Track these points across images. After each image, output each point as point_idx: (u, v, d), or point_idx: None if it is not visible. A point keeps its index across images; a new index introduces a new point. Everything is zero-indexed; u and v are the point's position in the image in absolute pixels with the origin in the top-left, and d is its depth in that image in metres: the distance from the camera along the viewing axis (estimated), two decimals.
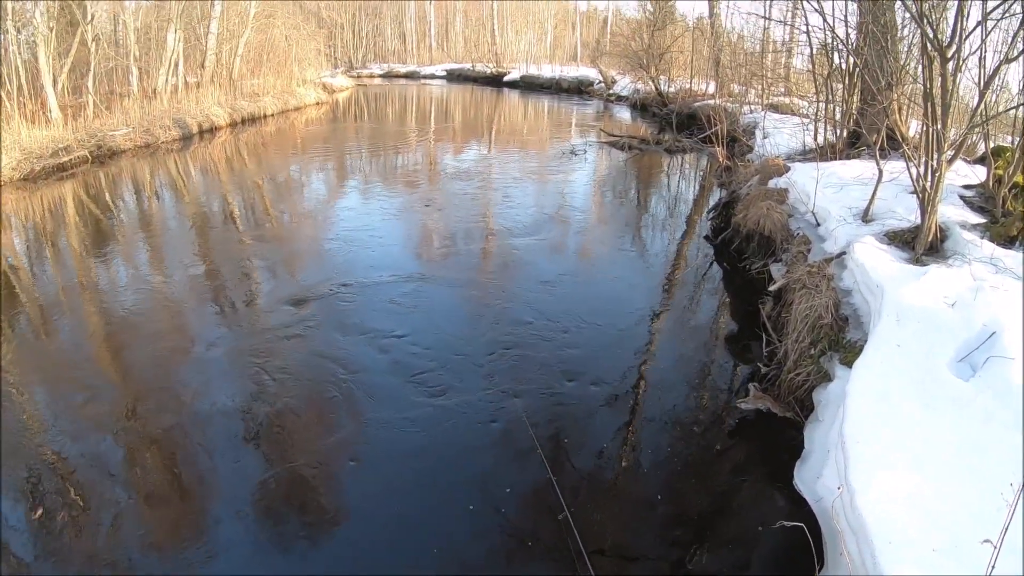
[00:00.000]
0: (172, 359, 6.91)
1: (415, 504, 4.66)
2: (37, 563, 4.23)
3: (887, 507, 3.47)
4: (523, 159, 18.59)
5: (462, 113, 33.10)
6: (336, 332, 7.23)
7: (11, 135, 18.46)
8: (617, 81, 35.09)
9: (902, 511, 3.44)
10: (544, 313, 7.78)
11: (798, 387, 5.51)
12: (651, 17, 31.00)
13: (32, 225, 13.30)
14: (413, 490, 4.79)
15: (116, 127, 22.17)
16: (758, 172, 11.26)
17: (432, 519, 4.53)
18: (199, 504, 4.74)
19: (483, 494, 4.74)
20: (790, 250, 8.08)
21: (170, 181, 17.36)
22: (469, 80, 52.64)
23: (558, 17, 71.85)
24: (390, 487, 4.82)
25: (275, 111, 31.19)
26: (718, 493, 4.85)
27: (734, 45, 23.52)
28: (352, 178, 16.42)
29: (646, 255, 10.22)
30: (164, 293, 8.91)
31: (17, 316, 8.60)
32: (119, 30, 28.75)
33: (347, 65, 66.54)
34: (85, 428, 5.68)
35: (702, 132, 17.09)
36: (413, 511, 4.60)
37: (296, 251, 10.41)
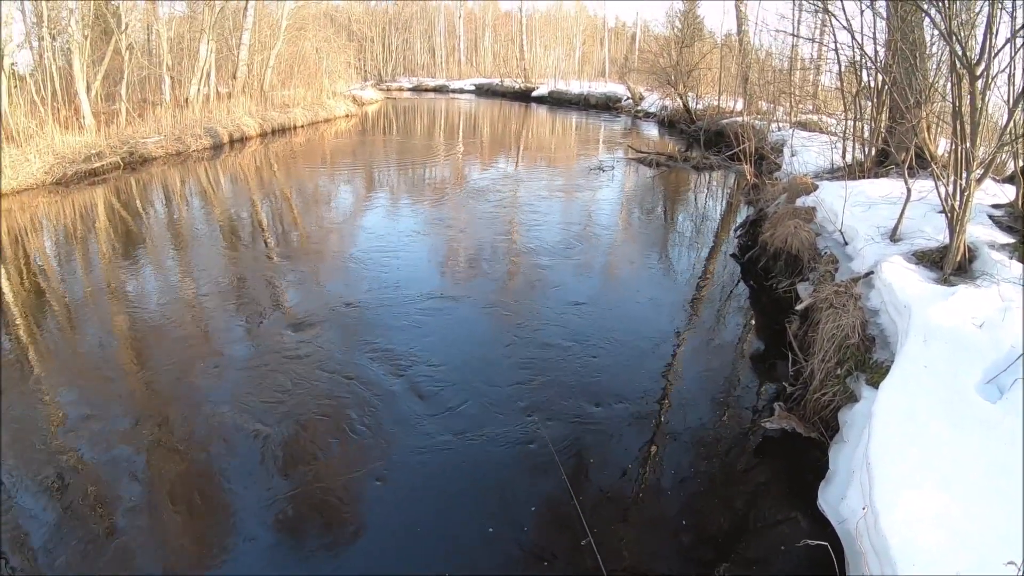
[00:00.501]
0: (193, 368, 7.02)
1: (436, 523, 4.68)
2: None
3: (912, 529, 3.46)
4: (550, 175, 18.64)
5: (490, 128, 33.24)
6: (359, 349, 7.26)
7: (44, 139, 18.84)
8: (645, 97, 35.09)
9: (927, 533, 3.42)
10: (569, 331, 7.80)
11: (824, 407, 5.49)
12: (679, 34, 30.99)
13: (63, 228, 13.57)
14: (434, 509, 4.81)
15: (148, 135, 22.57)
16: (786, 190, 11.24)
17: (452, 538, 4.57)
18: (213, 516, 4.80)
19: (505, 513, 4.76)
20: (817, 269, 8.06)
21: (200, 189, 17.61)
22: (497, 95, 52.86)
23: (587, 33, 72.08)
24: (411, 505, 4.83)
25: (305, 122, 31.54)
26: (741, 513, 4.83)
27: (762, 62, 23.45)
28: (379, 192, 16.55)
29: (673, 273, 10.21)
30: (189, 301, 9.07)
31: (44, 316, 8.79)
32: (152, 39, 29.27)
33: (376, 78, 67.18)
34: (103, 430, 5.81)
35: (730, 149, 17.07)
36: (433, 530, 4.62)
37: (321, 265, 10.50)
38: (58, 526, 4.67)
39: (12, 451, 5.69)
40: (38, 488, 5.14)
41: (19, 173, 17.02)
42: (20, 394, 6.78)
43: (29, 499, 5.00)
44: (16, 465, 5.46)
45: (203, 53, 27.80)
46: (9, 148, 17.77)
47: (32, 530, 4.69)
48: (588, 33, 72.10)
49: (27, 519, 4.81)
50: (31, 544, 4.56)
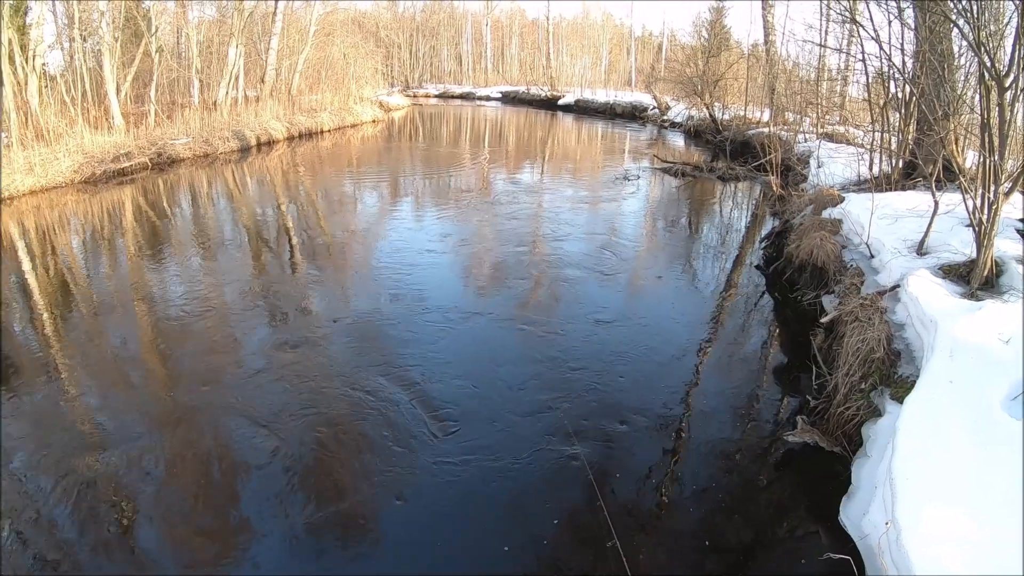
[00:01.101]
0: (212, 373, 7.10)
1: (459, 534, 4.69)
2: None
3: (934, 546, 3.43)
4: (576, 184, 18.66)
5: (516, 136, 33.31)
6: (381, 362, 7.23)
7: (74, 139, 19.15)
8: (671, 107, 35.02)
9: (949, 551, 3.40)
10: (592, 343, 7.80)
11: (847, 421, 5.45)
12: (706, 43, 30.96)
13: (90, 226, 13.77)
14: (457, 520, 4.83)
15: (176, 136, 22.90)
16: (812, 202, 11.18)
17: (476, 549, 4.57)
18: (229, 533, 4.82)
19: (528, 524, 4.78)
20: (843, 282, 8.00)
21: (226, 191, 17.80)
22: (524, 103, 52.93)
23: (613, 42, 72.15)
24: (431, 520, 4.84)
25: (332, 127, 31.82)
26: (762, 526, 4.81)
27: (789, 72, 23.35)
28: (404, 199, 16.63)
29: (697, 284, 10.18)
30: (212, 303, 9.20)
31: (70, 313, 8.91)
32: (182, 42, 29.61)
33: (403, 84, 67.63)
34: (119, 432, 5.90)
35: (756, 160, 17.00)
36: (457, 541, 4.63)
37: (345, 272, 10.59)
38: (73, 519, 4.73)
39: (32, 444, 5.78)
40: (57, 481, 5.20)
41: (48, 171, 17.31)
42: (42, 388, 6.88)
43: (48, 492, 5.07)
44: (35, 457, 5.58)
45: (232, 57, 28.11)
46: (39, 147, 18.08)
47: (49, 522, 4.77)
48: (615, 42, 72.16)
49: (43, 510, 4.89)
50: (48, 540, 4.62)
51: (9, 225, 13.95)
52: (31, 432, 6.07)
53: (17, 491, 5.08)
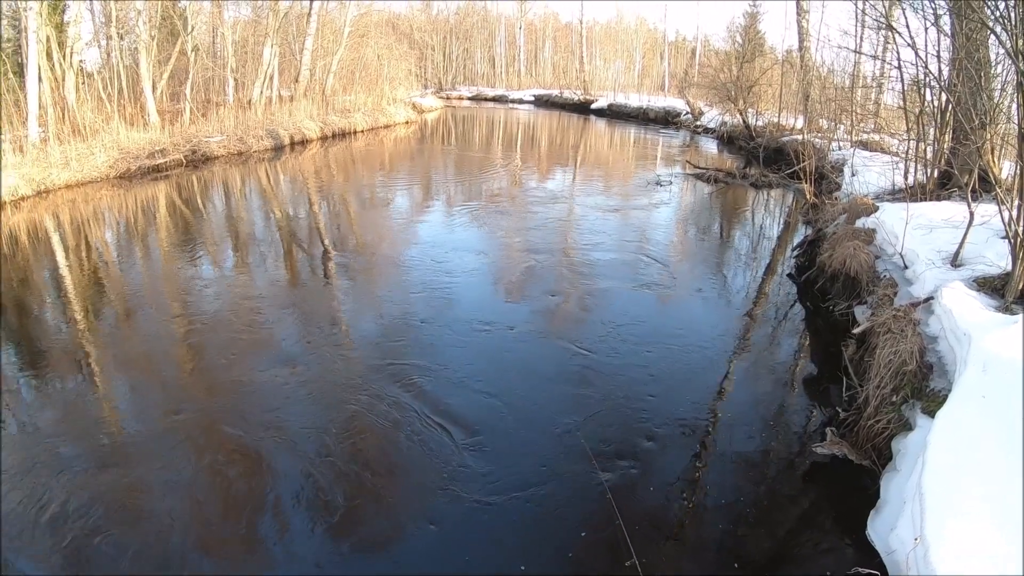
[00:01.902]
0: (238, 372, 7.21)
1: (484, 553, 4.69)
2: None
3: (962, 563, 3.39)
4: (607, 189, 18.65)
5: (548, 139, 33.31)
6: (408, 370, 7.19)
7: (110, 135, 19.45)
8: (704, 113, 34.83)
9: (978, 568, 3.35)
10: (622, 351, 7.81)
11: (877, 434, 5.38)
12: (740, 49, 30.81)
13: (123, 220, 13.99)
14: (485, 536, 4.84)
15: (211, 134, 23.21)
16: (846, 210, 11.06)
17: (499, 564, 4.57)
18: (251, 549, 4.86)
19: (552, 536, 4.78)
20: (876, 292, 7.92)
21: (259, 189, 18.00)
22: (556, 106, 52.82)
23: (647, 46, 71.84)
24: (457, 525, 4.87)
25: (365, 127, 32.02)
26: (788, 538, 4.78)
27: (824, 79, 23.15)
28: (435, 202, 16.69)
29: (728, 292, 10.11)
30: (241, 301, 9.34)
31: (102, 305, 9.06)
32: (217, 42, 29.92)
33: (437, 86, 67.84)
34: (150, 422, 5.99)
35: (789, 167, 16.86)
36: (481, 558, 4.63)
37: (374, 274, 10.67)
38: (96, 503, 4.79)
39: (63, 432, 5.90)
40: (83, 466, 5.28)
41: (84, 166, 17.62)
42: (72, 378, 7.00)
43: (74, 477, 5.14)
44: (63, 445, 5.73)
45: (267, 57, 28.38)
46: (75, 142, 18.35)
47: (75, 508, 4.85)
48: (648, 46, 71.84)
49: (69, 497, 4.97)
50: (72, 523, 4.70)
51: (45, 218, 14.20)
52: (59, 420, 6.20)
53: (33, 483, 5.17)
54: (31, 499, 4.98)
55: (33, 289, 10.24)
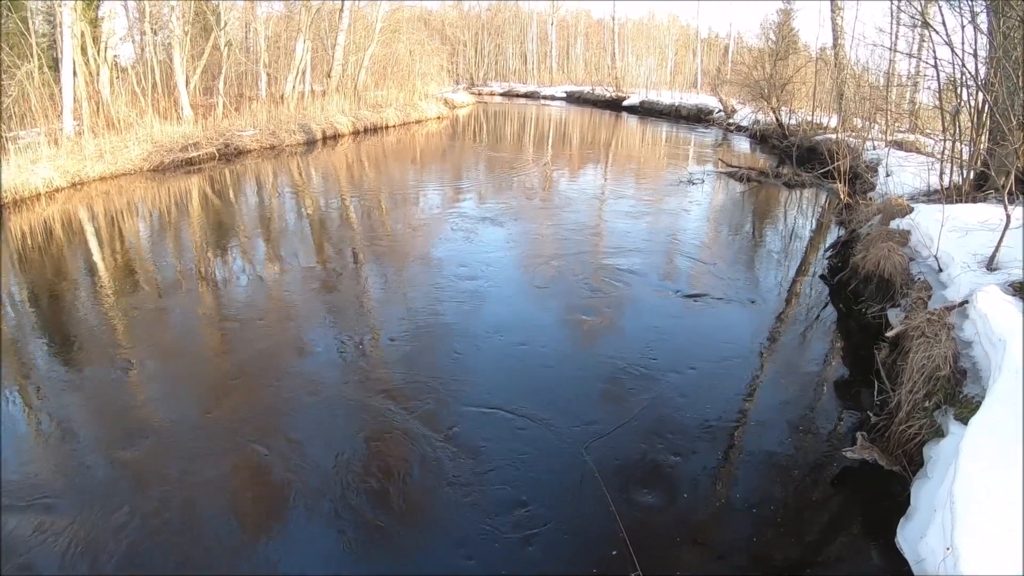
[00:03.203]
0: (266, 368, 7.26)
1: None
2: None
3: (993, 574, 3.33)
4: (639, 187, 18.59)
5: (580, 136, 33.22)
6: (434, 375, 7.12)
7: (144, 128, 19.76)
8: (737, 110, 34.56)
9: None
10: (649, 350, 7.77)
11: (908, 440, 5.30)
12: (773, 46, 30.51)
13: (156, 212, 14.19)
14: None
15: (243, 128, 23.47)
16: (880, 211, 10.93)
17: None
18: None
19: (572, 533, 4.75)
20: (909, 295, 7.80)
21: (291, 182, 18.17)
22: (588, 103, 52.61)
23: (679, 43, 71.52)
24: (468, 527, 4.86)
25: (397, 122, 32.20)
26: (813, 543, 4.73)
27: (858, 77, 22.87)
28: (466, 200, 16.66)
29: (760, 292, 10.01)
30: (271, 294, 9.44)
31: (135, 295, 9.21)
32: (250, 37, 30.14)
33: (468, 82, 67.98)
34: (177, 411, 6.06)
35: (822, 167, 16.69)
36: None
37: (403, 271, 10.68)
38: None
39: (89, 415, 6.04)
40: (110, 451, 5.36)
41: (118, 159, 17.90)
42: (101, 365, 7.10)
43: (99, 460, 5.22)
44: (91, 429, 5.91)
45: (299, 52, 28.58)
46: (109, 135, 18.64)
47: (102, 488, 4.95)
48: (680, 43, 71.50)
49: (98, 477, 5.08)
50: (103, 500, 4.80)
51: (79, 208, 14.43)
52: (87, 407, 6.29)
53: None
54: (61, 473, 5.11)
55: (67, 278, 10.40)
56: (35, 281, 10.28)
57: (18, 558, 4.39)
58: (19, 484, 5.13)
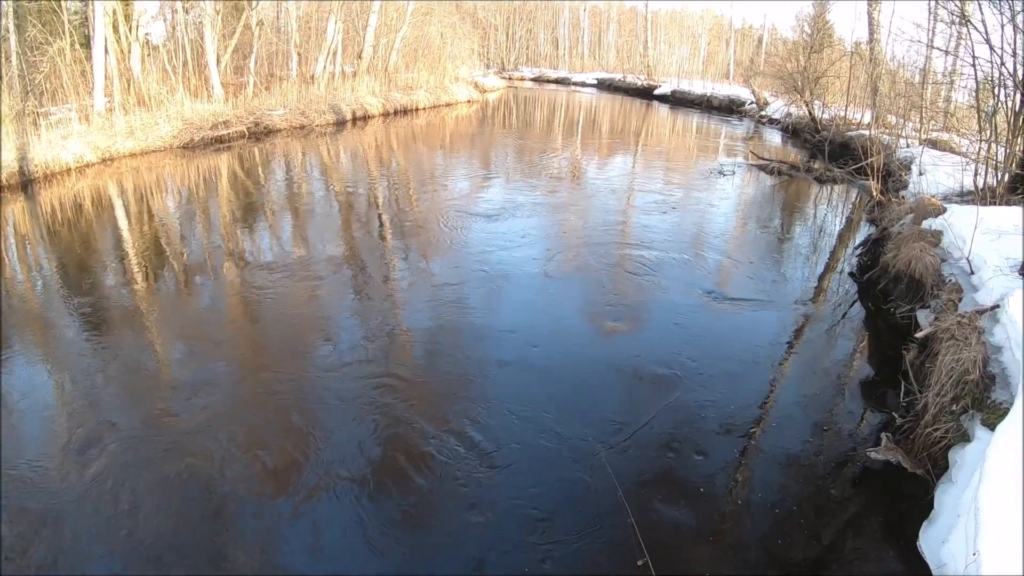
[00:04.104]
0: (290, 343, 7.38)
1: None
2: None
3: None
4: (669, 177, 18.47)
5: (610, 124, 33.04)
6: (455, 368, 7.15)
7: (175, 106, 19.95)
8: (769, 103, 34.24)
9: None
10: (671, 341, 7.79)
11: (933, 444, 5.26)
12: (808, 38, 30.13)
13: (185, 188, 14.37)
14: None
15: (273, 107, 23.64)
16: (912, 210, 10.81)
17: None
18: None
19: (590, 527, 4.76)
20: (940, 297, 7.72)
21: (320, 162, 18.28)
22: (619, 90, 52.28)
23: (712, 33, 70.91)
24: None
25: (427, 105, 32.27)
26: (832, 543, 4.72)
27: (894, 73, 22.58)
28: (494, 184, 16.64)
29: (787, 287, 9.94)
30: (297, 272, 9.59)
31: (162, 270, 9.43)
32: (281, 17, 30.18)
33: (499, 66, 67.75)
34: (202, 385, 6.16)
35: (855, 163, 16.53)
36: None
37: (429, 257, 10.70)
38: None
39: (118, 391, 6.21)
40: (138, 428, 5.43)
41: (148, 135, 18.10)
42: (129, 340, 7.21)
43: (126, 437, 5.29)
44: (118, 406, 6.04)
45: (330, 32, 28.63)
46: (140, 112, 18.83)
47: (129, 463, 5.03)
48: (713, 33, 70.88)
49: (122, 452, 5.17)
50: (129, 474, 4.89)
51: (108, 184, 14.60)
52: (116, 379, 6.40)
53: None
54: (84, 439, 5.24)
55: (94, 252, 10.53)
56: (63, 254, 10.43)
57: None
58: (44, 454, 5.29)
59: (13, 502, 4.73)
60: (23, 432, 5.65)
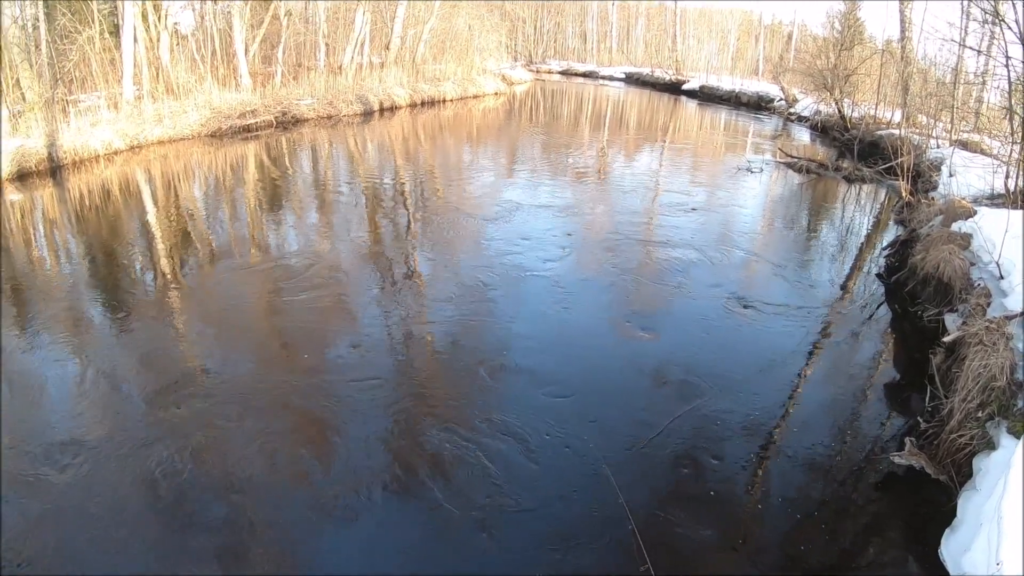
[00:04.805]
0: (312, 334, 7.46)
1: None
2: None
3: None
4: (696, 173, 18.42)
5: (638, 118, 32.92)
6: (476, 364, 7.13)
7: (203, 94, 20.15)
8: (798, 100, 33.93)
9: None
10: (695, 340, 7.77)
11: (958, 450, 5.19)
12: (839, 35, 29.81)
13: (213, 175, 14.54)
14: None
15: (301, 97, 23.83)
16: (941, 212, 10.68)
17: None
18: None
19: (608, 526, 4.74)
20: (968, 301, 7.62)
21: (347, 152, 18.43)
22: (647, 85, 52.02)
23: (741, 28, 70.50)
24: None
25: (454, 97, 32.43)
26: (853, 546, 4.69)
27: (925, 72, 22.28)
28: (520, 177, 16.62)
29: (813, 287, 9.84)
30: (322, 260, 9.71)
31: (188, 258, 9.62)
32: (310, 7, 30.33)
33: (527, 59, 67.74)
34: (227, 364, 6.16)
35: (884, 162, 16.36)
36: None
37: (453, 249, 10.73)
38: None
39: (145, 370, 6.36)
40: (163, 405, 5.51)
41: (176, 123, 18.29)
42: (155, 323, 7.36)
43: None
44: (144, 383, 6.17)
45: (358, 23, 28.74)
46: (168, 100, 19.00)
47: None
48: (743, 28, 70.46)
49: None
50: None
51: (136, 171, 14.76)
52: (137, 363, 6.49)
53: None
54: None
55: (121, 237, 10.65)
56: (90, 239, 10.56)
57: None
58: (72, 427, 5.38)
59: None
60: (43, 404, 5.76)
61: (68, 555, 4.28)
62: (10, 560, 4.21)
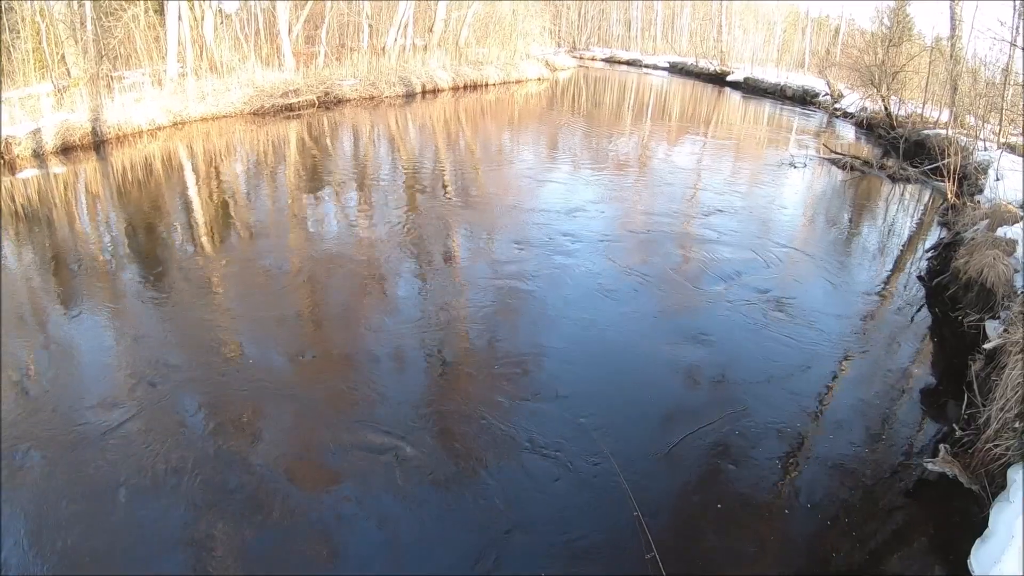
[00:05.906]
0: (350, 312, 7.68)
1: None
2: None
3: None
4: (738, 167, 18.28)
5: (681, 109, 32.63)
6: (503, 356, 7.13)
7: (246, 73, 20.40)
8: (844, 96, 33.42)
9: None
10: (730, 336, 7.74)
11: (993, 460, 5.11)
12: (887, 31, 29.32)
13: (253, 153, 14.73)
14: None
15: (343, 78, 24.07)
16: (987, 216, 10.49)
17: None
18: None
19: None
20: (1011, 308, 7.49)
21: (388, 133, 18.52)
22: (691, 75, 51.40)
23: (788, 21, 69.45)
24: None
25: (496, 81, 32.39)
26: (880, 552, 4.66)
27: (974, 72, 21.85)
28: (560, 165, 16.60)
29: (853, 286, 9.71)
30: (360, 240, 9.90)
31: (228, 235, 9.82)
32: None
33: (570, 45, 67.30)
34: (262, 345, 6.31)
35: (930, 162, 16.11)
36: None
37: (485, 241, 10.70)
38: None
39: (184, 346, 6.56)
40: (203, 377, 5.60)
41: (219, 101, 18.55)
42: (195, 297, 7.63)
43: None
44: (186, 358, 6.32)
45: (402, 5, 28.84)
46: (211, 78, 19.24)
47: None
48: (789, 21, 69.41)
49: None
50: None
51: (179, 146, 14.98)
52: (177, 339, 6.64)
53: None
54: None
55: (162, 211, 10.81)
56: (131, 213, 10.73)
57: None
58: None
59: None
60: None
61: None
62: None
